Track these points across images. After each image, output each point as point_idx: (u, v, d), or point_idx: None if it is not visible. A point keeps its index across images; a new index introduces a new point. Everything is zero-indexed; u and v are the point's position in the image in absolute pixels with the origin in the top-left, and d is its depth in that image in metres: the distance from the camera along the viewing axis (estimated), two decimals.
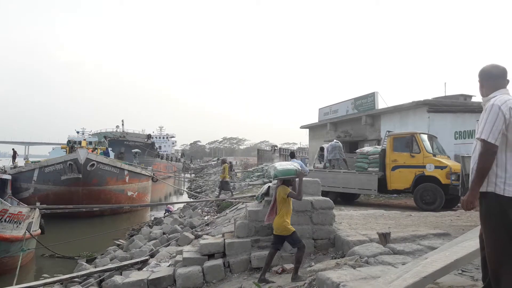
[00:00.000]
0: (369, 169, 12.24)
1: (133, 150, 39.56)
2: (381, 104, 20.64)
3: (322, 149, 14.80)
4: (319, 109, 27.66)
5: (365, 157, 12.58)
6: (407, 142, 11.56)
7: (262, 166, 29.92)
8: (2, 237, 10.31)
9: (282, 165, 5.56)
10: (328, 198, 6.62)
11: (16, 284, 8.06)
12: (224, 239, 6.57)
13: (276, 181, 5.45)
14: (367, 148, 13.41)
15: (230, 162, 27.36)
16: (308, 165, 24.92)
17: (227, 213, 13.57)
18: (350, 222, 7.25)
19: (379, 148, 12.83)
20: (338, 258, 5.26)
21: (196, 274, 6.02)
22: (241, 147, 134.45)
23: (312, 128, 28.70)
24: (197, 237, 10.23)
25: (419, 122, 16.69)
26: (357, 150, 13.74)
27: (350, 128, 21.99)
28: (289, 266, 5.68)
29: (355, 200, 13.79)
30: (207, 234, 10.16)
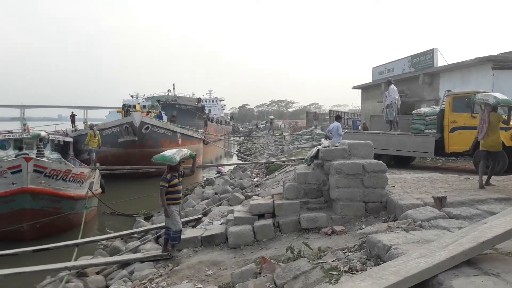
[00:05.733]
0: (426, 131, 11.68)
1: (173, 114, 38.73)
2: (440, 62, 19.43)
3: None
4: (373, 68, 26.54)
5: (422, 118, 11.97)
6: (468, 102, 10.82)
7: (311, 129, 29.61)
8: (68, 195, 11.13)
9: (501, 95, 6.86)
10: (380, 161, 6.42)
11: (81, 238, 8.73)
12: (274, 200, 6.66)
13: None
14: (424, 109, 12.73)
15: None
16: (360, 128, 24.35)
17: (276, 175, 13.70)
18: (403, 186, 7.03)
19: (437, 108, 12.15)
20: (390, 222, 5.15)
21: (247, 232, 6.19)
22: (290, 109, 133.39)
23: (365, 88, 27.69)
24: (247, 197, 10.46)
25: (483, 80, 15.51)
26: (414, 111, 13.09)
27: (406, 88, 20.91)
28: (339, 228, 5.66)
29: (410, 163, 13.32)
30: (256, 195, 10.35)
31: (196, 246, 6.57)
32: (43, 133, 15.82)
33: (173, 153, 6.28)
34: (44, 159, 12.11)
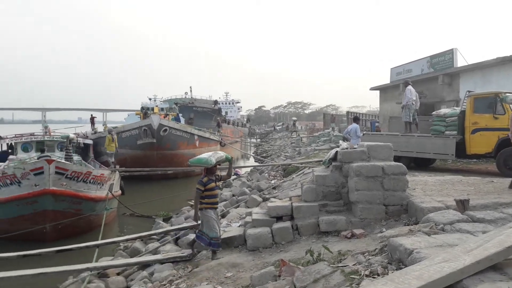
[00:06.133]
0: (446, 132, 11.50)
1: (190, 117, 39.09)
2: (460, 62, 19.12)
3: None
4: (391, 69, 26.26)
5: (442, 119, 11.80)
6: (490, 103, 10.61)
7: (328, 131, 29.41)
8: (88, 197, 11.31)
9: None
10: (400, 163, 6.34)
11: (101, 239, 8.86)
12: (292, 203, 6.64)
13: None
14: (444, 110, 12.54)
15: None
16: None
17: (293, 178, 13.66)
18: (424, 188, 6.92)
19: (457, 109, 11.95)
20: (411, 225, 5.07)
21: (266, 235, 6.18)
22: (306, 111, 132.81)
23: (383, 89, 27.38)
24: (265, 200, 10.47)
25: (505, 80, 15.18)
26: (433, 113, 12.90)
27: (426, 88, 20.60)
28: (359, 231, 5.61)
29: (430, 165, 13.13)
30: (274, 197, 10.35)
31: None
32: (71, 135, 16.11)
33: (208, 155, 6.31)
34: (72, 161, 12.35)
